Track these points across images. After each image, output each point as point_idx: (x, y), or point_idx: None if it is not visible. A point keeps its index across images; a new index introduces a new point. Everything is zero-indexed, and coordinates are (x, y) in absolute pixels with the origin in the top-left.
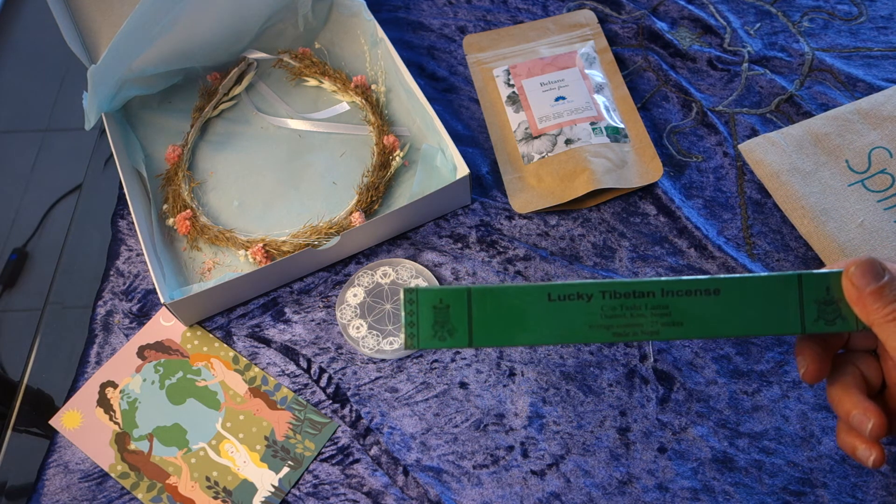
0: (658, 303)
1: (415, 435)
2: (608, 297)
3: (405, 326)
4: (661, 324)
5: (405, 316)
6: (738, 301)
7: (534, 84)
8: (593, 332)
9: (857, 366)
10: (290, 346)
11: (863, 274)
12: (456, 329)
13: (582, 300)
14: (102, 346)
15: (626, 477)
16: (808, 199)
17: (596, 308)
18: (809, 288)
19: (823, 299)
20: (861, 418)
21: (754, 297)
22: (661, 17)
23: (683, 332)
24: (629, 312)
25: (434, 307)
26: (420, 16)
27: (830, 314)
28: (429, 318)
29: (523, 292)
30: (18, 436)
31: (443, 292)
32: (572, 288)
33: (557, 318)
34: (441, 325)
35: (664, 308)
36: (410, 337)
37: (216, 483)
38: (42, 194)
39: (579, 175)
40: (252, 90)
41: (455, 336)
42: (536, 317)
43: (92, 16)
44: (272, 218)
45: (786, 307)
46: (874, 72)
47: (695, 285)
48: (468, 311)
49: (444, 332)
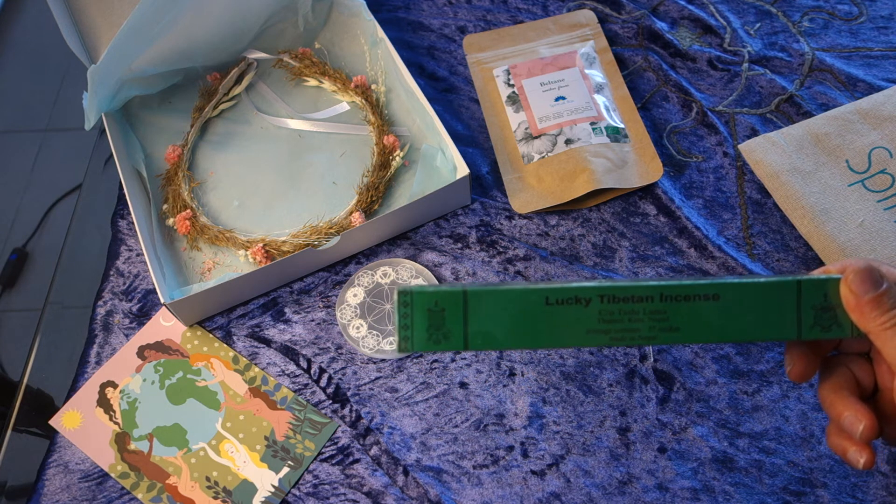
0: (656, 308)
1: (415, 435)
2: (606, 301)
3: (399, 329)
4: (658, 329)
5: (399, 319)
6: (736, 307)
7: (534, 84)
8: (590, 336)
9: (850, 368)
10: (290, 346)
11: (861, 281)
12: (451, 332)
13: (580, 304)
14: (102, 346)
15: (626, 477)
16: (808, 199)
17: (593, 313)
18: (808, 294)
19: (821, 305)
20: (853, 420)
21: (752, 302)
22: (661, 17)
23: (680, 337)
24: (627, 317)
25: (429, 310)
26: (420, 16)
27: (827, 321)
28: (423, 322)
29: (520, 296)
30: (18, 436)
31: (438, 295)
32: (570, 292)
33: (554, 323)
34: (436, 328)
35: (662, 313)
36: (404, 340)
37: (216, 483)
38: (42, 194)
39: (579, 175)
40: (252, 90)
41: (450, 339)
42: (533, 321)
43: (92, 16)
44: (272, 218)
45: (783, 313)
46: (874, 72)
47: (693, 290)
48: (464, 314)
49: (440, 335)
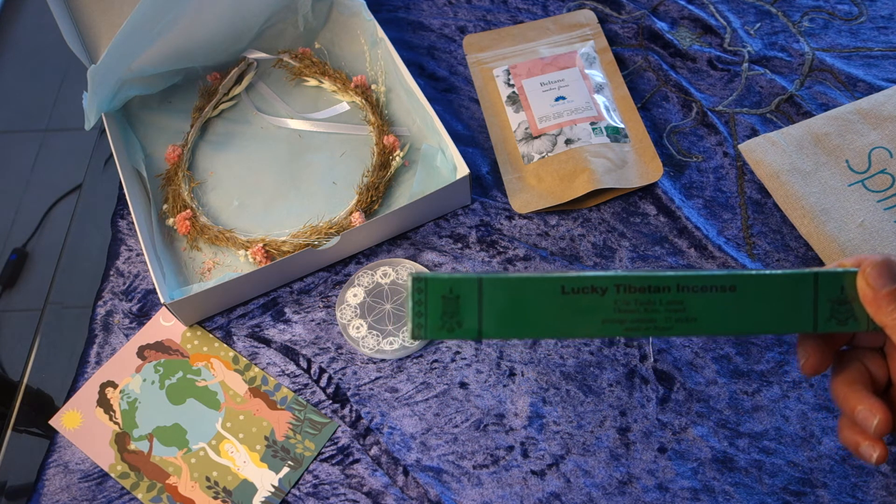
0: (673, 298)
1: (415, 435)
2: (622, 290)
3: (413, 316)
4: (674, 319)
5: (413, 305)
6: (752, 298)
7: (534, 84)
8: (606, 326)
9: (864, 362)
10: (290, 346)
11: (879, 274)
12: (465, 320)
13: (596, 293)
14: (102, 346)
15: (626, 477)
16: (808, 199)
17: (609, 302)
18: (825, 287)
19: (837, 298)
20: (866, 414)
21: (769, 294)
22: (661, 17)
23: (696, 328)
24: (643, 307)
25: (443, 297)
26: (420, 16)
27: (843, 314)
28: (437, 308)
29: (537, 284)
30: (18, 436)
31: (453, 281)
32: (586, 281)
33: (570, 312)
34: (450, 315)
35: (679, 304)
36: (418, 327)
37: (216, 483)
38: (42, 194)
39: (579, 175)
40: (252, 90)
41: (464, 327)
42: (549, 309)
43: (92, 16)
44: (272, 218)
45: (800, 306)
46: (874, 72)
47: (711, 281)
48: (479, 301)
49: (454, 322)
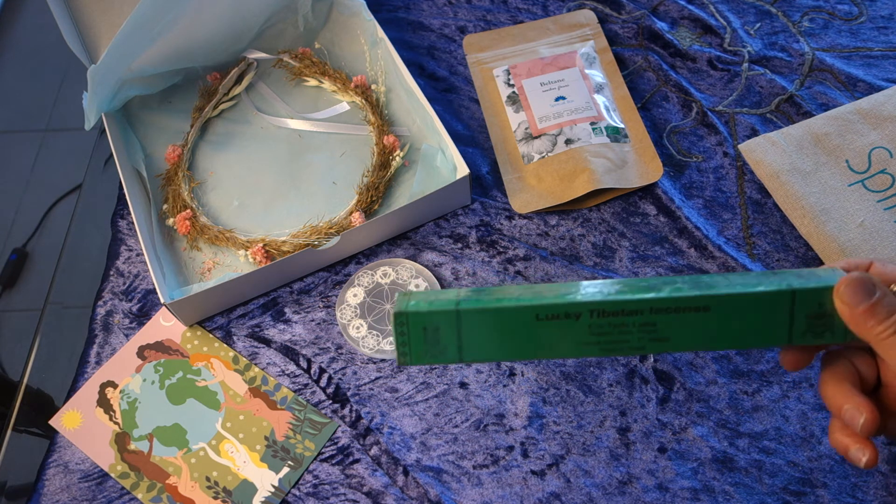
0: (646, 320)
1: (415, 435)
2: (596, 315)
3: (397, 346)
4: (647, 339)
5: (396, 337)
6: (726, 318)
7: (534, 84)
8: (581, 348)
9: (853, 362)
10: (290, 346)
11: (853, 292)
12: (447, 347)
13: (570, 319)
14: (102, 346)
15: (626, 477)
16: (808, 199)
17: (584, 326)
18: (802, 303)
19: (815, 313)
20: (853, 413)
21: (743, 313)
22: (661, 17)
23: (669, 346)
24: (616, 330)
25: (424, 328)
26: (420, 16)
27: (819, 328)
28: (420, 339)
29: (511, 314)
30: (18, 436)
31: (431, 316)
32: (560, 308)
33: (546, 337)
34: (432, 344)
35: (651, 325)
36: (403, 356)
37: (216, 483)
38: (42, 194)
39: (579, 175)
40: (252, 90)
41: (446, 354)
42: (525, 336)
43: (92, 16)
44: (272, 218)
45: (775, 322)
46: (874, 72)
47: (684, 303)
48: (458, 331)
49: (436, 350)
